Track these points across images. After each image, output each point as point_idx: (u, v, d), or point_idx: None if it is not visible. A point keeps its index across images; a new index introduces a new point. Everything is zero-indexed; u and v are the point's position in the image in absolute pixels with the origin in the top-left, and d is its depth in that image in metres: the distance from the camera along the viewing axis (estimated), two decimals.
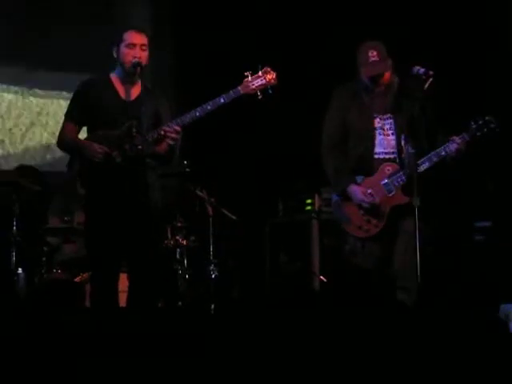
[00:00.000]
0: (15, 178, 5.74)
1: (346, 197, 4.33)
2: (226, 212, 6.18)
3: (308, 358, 3.56)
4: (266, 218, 6.75)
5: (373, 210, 4.26)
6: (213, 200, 6.14)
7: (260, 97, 4.19)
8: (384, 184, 4.26)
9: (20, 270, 5.65)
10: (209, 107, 4.12)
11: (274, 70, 4.23)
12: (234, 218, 6.20)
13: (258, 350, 3.83)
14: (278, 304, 6.01)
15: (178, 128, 4.09)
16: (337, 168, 4.38)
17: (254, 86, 4.18)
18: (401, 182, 4.22)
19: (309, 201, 6.34)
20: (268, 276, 6.56)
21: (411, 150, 4.04)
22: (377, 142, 4.30)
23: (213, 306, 5.89)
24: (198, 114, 4.11)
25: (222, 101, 4.13)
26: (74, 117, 4.27)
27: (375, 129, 4.30)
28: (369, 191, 4.26)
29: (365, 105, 4.34)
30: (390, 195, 4.24)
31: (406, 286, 4.11)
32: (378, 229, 4.26)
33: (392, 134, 4.30)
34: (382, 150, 4.30)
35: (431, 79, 4.07)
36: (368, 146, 4.30)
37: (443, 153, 4.18)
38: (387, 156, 4.29)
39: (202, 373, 3.39)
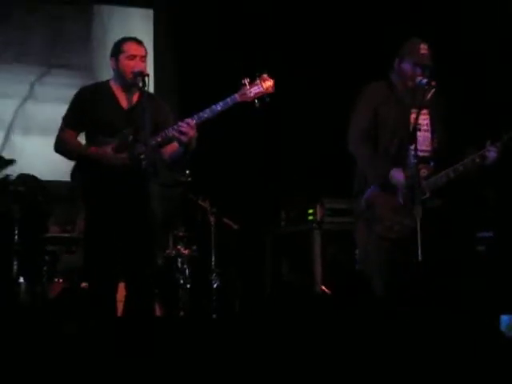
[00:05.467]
0: (16, 186, 5.74)
1: (385, 187, 4.18)
2: (227, 221, 6.18)
3: (309, 369, 3.55)
4: (268, 227, 6.74)
5: (406, 211, 4.11)
6: (215, 209, 6.14)
7: (257, 105, 4.09)
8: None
9: (21, 279, 5.66)
10: (205, 115, 4.03)
11: (271, 77, 4.11)
12: (235, 227, 6.19)
13: (259, 361, 3.81)
14: (279, 314, 5.99)
15: (192, 122, 3.99)
16: (373, 156, 4.21)
17: (251, 94, 4.06)
18: (435, 186, 4.13)
19: (311, 211, 6.32)
20: (270, 286, 6.54)
21: (414, 160, 4.00)
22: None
23: (214, 316, 5.88)
24: (194, 121, 4.02)
25: (219, 108, 4.03)
26: (72, 122, 4.23)
27: (411, 124, 4.16)
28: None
29: (401, 99, 4.25)
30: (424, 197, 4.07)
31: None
32: (409, 229, 4.06)
33: (428, 130, 4.22)
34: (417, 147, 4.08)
35: (434, 89, 4.06)
36: (402, 141, 4.17)
37: (461, 168, 4.12)
38: (421, 154, 4.06)
39: (202, 383, 3.38)
